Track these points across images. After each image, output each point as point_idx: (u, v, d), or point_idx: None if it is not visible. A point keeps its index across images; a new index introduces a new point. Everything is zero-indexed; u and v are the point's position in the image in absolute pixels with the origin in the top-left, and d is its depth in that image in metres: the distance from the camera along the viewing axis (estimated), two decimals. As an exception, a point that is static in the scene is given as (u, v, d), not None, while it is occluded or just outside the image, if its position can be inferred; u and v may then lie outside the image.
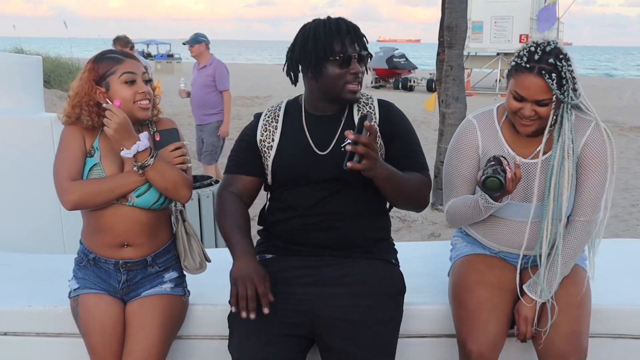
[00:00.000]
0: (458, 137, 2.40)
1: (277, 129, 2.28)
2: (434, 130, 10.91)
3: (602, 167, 2.25)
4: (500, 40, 23.04)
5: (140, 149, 2.18)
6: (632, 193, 8.27)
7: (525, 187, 2.30)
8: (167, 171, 2.23)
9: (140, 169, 2.20)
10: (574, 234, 2.28)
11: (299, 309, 2.14)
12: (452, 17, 6.92)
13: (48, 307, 2.52)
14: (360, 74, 2.19)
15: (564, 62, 2.14)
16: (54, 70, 15.10)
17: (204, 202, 4.82)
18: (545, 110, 2.18)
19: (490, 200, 2.18)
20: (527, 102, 2.17)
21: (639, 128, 14.31)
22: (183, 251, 2.39)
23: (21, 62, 4.25)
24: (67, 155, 2.24)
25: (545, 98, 2.15)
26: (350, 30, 2.18)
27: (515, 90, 2.19)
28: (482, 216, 2.30)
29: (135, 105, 2.23)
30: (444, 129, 7.15)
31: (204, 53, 7.16)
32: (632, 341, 2.47)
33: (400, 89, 25.40)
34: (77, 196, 2.19)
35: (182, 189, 2.26)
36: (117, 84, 2.22)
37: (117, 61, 2.25)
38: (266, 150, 2.27)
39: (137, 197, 2.25)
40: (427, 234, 6.26)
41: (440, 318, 2.46)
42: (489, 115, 2.39)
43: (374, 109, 2.28)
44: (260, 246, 2.36)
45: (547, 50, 2.15)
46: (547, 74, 2.13)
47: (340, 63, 2.15)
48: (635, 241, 4.16)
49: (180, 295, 2.38)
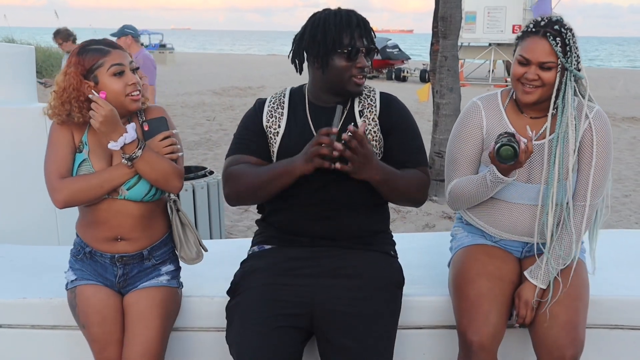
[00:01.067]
0: (463, 118, 2.41)
1: (284, 116, 2.28)
2: (427, 121, 10.92)
3: (604, 151, 2.27)
4: (493, 31, 23.06)
5: (127, 140, 2.15)
6: (625, 183, 8.31)
7: (529, 168, 2.31)
8: (156, 162, 2.20)
9: (128, 161, 2.18)
10: (575, 219, 2.28)
11: (298, 301, 2.14)
12: (447, 7, 6.91)
13: (43, 299, 2.50)
14: (366, 68, 2.20)
15: (569, 32, 2.22)
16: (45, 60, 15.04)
17: (198, 193, 4.81)
18: (549, 75, 2.22)
19: (498, 174, 2.19)
20: (532, 65, 2.23)
21: (631, 119, 14.37)
22: (179, 241, 2.37)
23: (13, 52, 4.22)
24: (56, 152, 2.22)
25: (549, 60, 2.21)
26: (360, 24, 2.19)
27: (520, 54, 2.25)
28: (488, 194, 2.30)
29: (127, 98, 2.20)
30: (438, 119, 7.15)
31: (132, 46, 6.83)
32: (628, 332, 2.49)
33: (393, 79, 25.40)
34: (67, 194, 2.17)
35: (172, 180, 2.22)
36: (106, 77, 2.18)
37: (104, 53, 2.20)
38: (272, 136, 2.26)
39: (128, 190, 2.23)
40: (421, 224, 6.27)
41: (439, 309, 2.46)
42: (493, 97, 2.42)
43: (376, 102, 2.27)
44: (258, 236, 2.35)
45: (553, 19, 2.24)
46: (551, 37, 2.20)
47: (348, 56, 2.16)
48: (628, 232, 4.18)
49: (175, 287, 2.37)
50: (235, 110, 13.95)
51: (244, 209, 6.59)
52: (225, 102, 16.00)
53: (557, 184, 2.25)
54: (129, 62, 2.23)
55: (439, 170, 6.98)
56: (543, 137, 2.31)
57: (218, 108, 14.73)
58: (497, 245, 2.43)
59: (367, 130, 2.22)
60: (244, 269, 2.29)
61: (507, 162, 2.14)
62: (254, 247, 2.35)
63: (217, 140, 10.75)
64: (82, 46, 2.24)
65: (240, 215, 6.51)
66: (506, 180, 2.21)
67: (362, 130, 2.00)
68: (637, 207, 7.21)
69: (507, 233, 2.40)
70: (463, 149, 2.38)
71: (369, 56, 2.21)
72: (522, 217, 2.34)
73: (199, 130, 11.73)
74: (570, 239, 2.27)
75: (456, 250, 2.48)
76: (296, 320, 2.11)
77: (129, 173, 2.21)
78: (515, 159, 2.12)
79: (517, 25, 22.63)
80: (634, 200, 7.50)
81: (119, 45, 2.27)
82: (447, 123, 6.93)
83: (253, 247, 2.35)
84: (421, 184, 2.22)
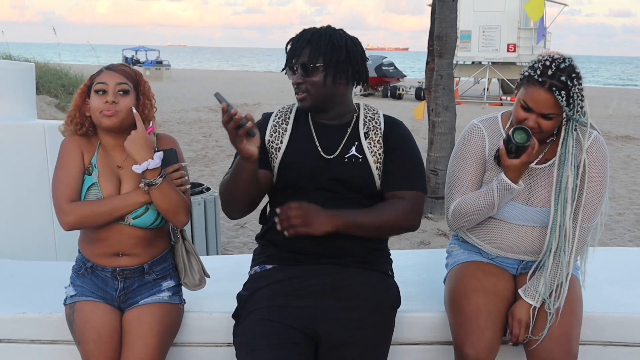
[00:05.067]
0: (465, 140, 2.42)
1: (287, 131, 2.29)
2: (422, 139, 10.96)
3: (601, 176, 2.31)
4: (488, 50, 23.24)
5: (150, 167, 2.20)
6: (619, 202, 8.35)
7: (529, 190, 2.35)
8: (170, 193, 2.24)
9: (147, 186, 2.22)
10: (569, 241, 2.31)
11: (300, 324, 2.16)
12: (442, 26, 6.98)
13: (42, 314, 2.51)
14: (302, 84, 2.19)
15: (575, 82, 2.19)
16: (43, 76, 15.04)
17: (195, 209, 4.81)
18: (549, 124, 2.24)
19: (506, 180, 2.24)
20: (533, 114, 2.23)
21: (625, 137, 14.44)
22: (183, 269, 2.40)
23: (14, 68, 4.24)
24: (66, 174, 2.27)
25: (551, 113, 2.21)
26: (313, 40, 2.18)
27: (524, 100, 2.24)
28: (494, 207, 2.32)
29: (100, 114, 2.25)
30: (434, 137, 7.19)
31: None
32: (622, 348, 2.51)
33: (388, 97, 25.46)
34: (75, 219, 2.23)
35: (180, 213, 2.27)
36: (92, 94, 2.27)
37: (99, 73, 2.31)
38: (274, 151, 2.27)
39: (134, 218, 2.27)
40: (416, 241, 6.29)
41: (434, 325, 2.48)
42: (493, 120, 2.44)
43: (380, 124, 2.28)
44: (259, 256, 2.35)
45: (562, 67, 2.19)
46: (557, 91, 2.18)
47: (290, 71, 2.22)
48: (622, 249, 4.21)
49: (177, 303, 2.39)
50: (231, 127, 13.95)
51: (240, 225, 6.60)
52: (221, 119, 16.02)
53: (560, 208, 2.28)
54: (117, 83, 2.26)
55: (434, 188, 7.02)
56: (542, 161, 2.35)
57: (214, 125, 14.75)
58: (493, 263, 2.46)
59: (372, 152, 2.23)
60: (247, 291, 2.30)
61: (520, 144, 2.19)
62: (255, 267, 2.34)
63: (213, 157, 10.77)
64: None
65: (237, 232, 6.52)
66: (514, 187, 2.25)
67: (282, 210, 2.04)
68: (631, 225, 7.24)
69: (504, 251, 2.43)
70: (466, 170, 2.39)
71: (307, 71, 2.17)
72: (520, 237, 2.37)
73: (195, 146, 11.75)
74: (564, 259, 2.30)
75: (452, 267, 2.51)
76: (299, 347, 2.14)
77: (138, 203, 2.25)
78: (529, 141, 2.19)
79: (511, 44, 22.84)
80: (628, 219, 7.53)
81: (121, 68, 2.32)
82: (443, 141, 6.97)
83: (254, 267, 2.34)
84: (406, 211, 2.19)
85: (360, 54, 2.24)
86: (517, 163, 2.23)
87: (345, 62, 2.19)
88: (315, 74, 2.18)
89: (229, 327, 2.30)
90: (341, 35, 2.22)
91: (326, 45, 2.17)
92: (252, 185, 2.14)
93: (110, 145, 2.32)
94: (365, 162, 2.23)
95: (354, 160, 2.23)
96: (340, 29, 2.25)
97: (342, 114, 2.28)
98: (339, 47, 2.18)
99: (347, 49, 2.20)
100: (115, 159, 2.32)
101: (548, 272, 2.30)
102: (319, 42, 2.17)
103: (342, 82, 2.21)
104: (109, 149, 2.33)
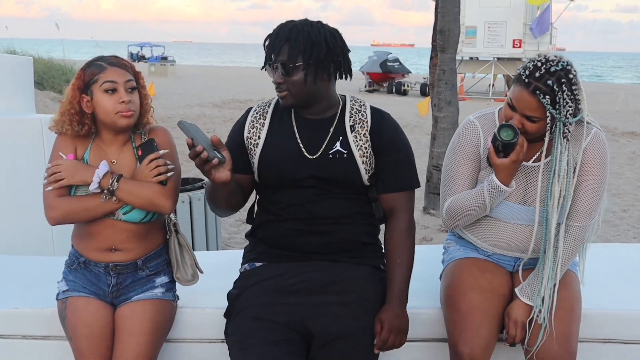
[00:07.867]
0: (460, 136, 2.38)
1: (264, 127, 2.23)
2: (427, 134, 10.93)
3: (599, 174, 2.26)
4: (494, 45, 23.12)
5: (100, 174, 2.17)
6: (624, 198, 8.30)
7: (524, 189, 2.31)
8: (136, 189, 2.19)
9: (109, 195, 2.18)
10: (568, 239, 2.27)
11: (290, 321, 2.14)
12: (445, 21, 6.94)
13: (35, 309, 2.49)
14: (282, 84, 2.12)
15: (565, 87, 2.11)
16: (47, 72, 15.05)
17: (195, 204, 4.80)
18: (532, 126, 2.18)
19: (496, 181, 2.19)
20: (517, 114, 2.18)
21: (631, 133, 14.38)
22: (175, 263, 2.36)
23: (11, 62, 4.23)
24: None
25: (534, 116, 2.16)
26: (292, 38, 2.08)
27: (510, 98, 2.20)
28: (486, 208, 2.28)
29: (116, 115, 2.19)
30: (437, 132, 7.16)
31: None
32: (621, 345, 2.47)
33: (393, 93, 25.44)
34: (60, 214, 2.21)
35: (158, 202, 2.20)
36: (99, 93, 2.19)
37: (101, 69, 2.20)
38: (252, 147, 2.23)
39: (124, 214, 2.24)
40: (419, 238, 6.26)
41: (431, 322, 2.45)
42: (490, 117, 2.38)
43: (367, 117, 2.22)
44: (249, 254, 2.32)
45: (552, 70, 2.12)
46: (541, 94, 2.12)
47: (270, 69, 2.16)
48: (626, 246, 4.18)
49: (170, 300, 2.36)
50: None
51: (242, 221, 6.59)
52: (225, 115, 16.04)
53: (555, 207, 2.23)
54: (126, 80, 2.21)
55: (436, 184, 6.98)
56: (539, 159, 2.30)
57: (218, 120, 14.77)
58: (490, 259, 2.42)
59: (359, 146, 2.18)
60: (237, 289, 2.28)
61: (507, 140, 2.13)
62: (245, 265, 2.32)
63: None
64: (89, 61, 2.27)
65: (238, 228, 6.51)
66: (504, 189, 2.20)
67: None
68: (635, 222, 7.20)
69: (500, 249, 2.39)
70: (460, 166, 2.36)
71: (286, 71, 2.09)
72: (516, 235, 2.33)
73: (199, 142, 11.74)
74: (563, 259, 2.26)
75: (448, 263, 2.47)
76: (291, 344, 2.12)
77: (115, 207, 2.22)
78: (515, 138, 2.12)
79: (517, 40, 22.72)
80: (632, 215, 7.49)
81: (124, 63, 2.25)
82: (445, 136, 6.93)
83: (244, 265, 2.32)
84: (406, 228, 2.24)
85: (340, 47, 2.16)
86: (506, 162, 2.17)
87: (327, 58, 2.11)
88: (296, 73, 2.10)
89: (223, 323, 2.27)
90: (319, 29, 2.12)
91: (305, 43, 2.07)
92: (232, 197, 2.19)
93: (108, 140, 2.28)
94: (350, 158, 2.17)
95: (339, 156, 2.17)
96: (318, 21, 2.16)
97: (326, 108, 2.22)
98: (318, 43, 2.09)
99: (327, 44, 2.11)
100: (110, 154, 2.28)
101: (543, 272, 2.25)
102: (297, 39, 2.07)
103: (324, 79, 2.14)
104: (105, 143, 2.29)
